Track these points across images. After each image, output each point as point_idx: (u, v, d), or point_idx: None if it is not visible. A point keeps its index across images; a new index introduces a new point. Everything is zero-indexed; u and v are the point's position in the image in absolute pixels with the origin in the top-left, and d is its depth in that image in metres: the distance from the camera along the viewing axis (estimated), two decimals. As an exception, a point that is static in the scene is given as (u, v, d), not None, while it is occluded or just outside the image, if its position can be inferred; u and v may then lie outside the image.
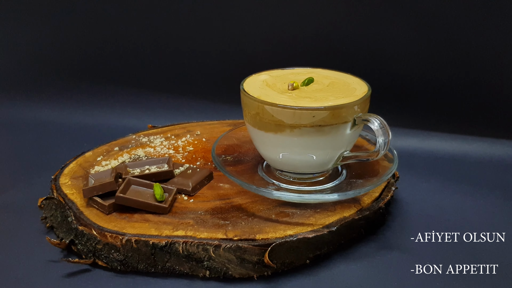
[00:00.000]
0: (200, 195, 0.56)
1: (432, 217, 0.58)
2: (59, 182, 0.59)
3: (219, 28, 0.84)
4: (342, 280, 0.48)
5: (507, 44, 0.72)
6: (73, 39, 0.88)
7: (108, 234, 0.49)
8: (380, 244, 0.53)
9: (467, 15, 0.72)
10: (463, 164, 0.71)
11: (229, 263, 0.48)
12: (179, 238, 0.48)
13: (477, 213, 0.59)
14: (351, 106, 0.50)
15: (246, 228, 0.49)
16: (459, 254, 0.51)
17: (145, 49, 0.88)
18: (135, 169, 0.58)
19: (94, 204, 0.53)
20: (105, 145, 0.69)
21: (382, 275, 0.49)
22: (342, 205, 0.54)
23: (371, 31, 0.78)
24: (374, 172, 0.58)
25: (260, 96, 0.52)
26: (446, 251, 0.52)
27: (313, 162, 0.54)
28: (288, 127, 0.50)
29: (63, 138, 0.82)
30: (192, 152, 0.66)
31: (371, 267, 0.50)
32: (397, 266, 0.50)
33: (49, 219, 0.57)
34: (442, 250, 0.52)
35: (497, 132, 0.75)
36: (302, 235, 0.48)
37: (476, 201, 0.61)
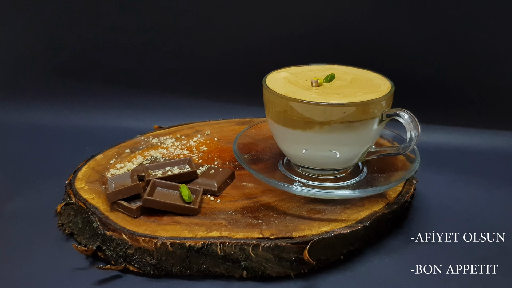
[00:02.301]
0: (226, 195, 0.55)
1: (452, 208, 0.59)
2: (76, 187, 0.57)
3: (219, 28, 0.83)
4: (378, 275, 0.49)
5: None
6: (71, 39, 0.85)
7: (141, 238, 0.48)
8: (408, 237, 0.54)
9: (473, 12, 0.74)
10: (469, 156, 0.73)
11: (267, 262, 0.47)
12: (215, 239, 0.47)
13: (494, 203, 0.60)
14: (379, 101, 0.51)
15: (281, 226, 0.49)
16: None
17: (143, 49, 0.86)
18: (156, 171, 0.56)
19: (120, 208, 0.52)
20: (115, 148, 0.67)
21: (415, 268, 0.49)
22: (370, 200, 0.54)
23: (374, 26, 0.79)
24: (393, 167, 0.59)
25: (288, 94, 0.52)
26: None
27: (339, 158, 0.54)
28: (317, 124, 0.50)
29: (62, 142, 0.79)
30: (207, 152, 0.65)
31: (404, 260, 0.50)
32: (427, 258, 0.50)
33: (67, 226, 0.55)
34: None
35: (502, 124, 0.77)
36: (337, 231, 0.49)
37: (491, 192, 0.63)
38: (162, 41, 0.85)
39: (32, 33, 0.86)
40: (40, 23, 0.85)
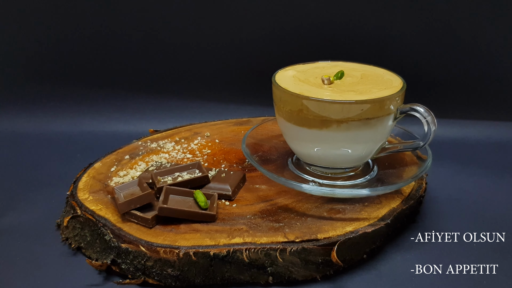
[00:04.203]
0: (241, 199, 0.53)
1: (460, 201, 0.60)
2: (79, 198, 0.54)
3: (211, 28, 0.81)
4: (402, 272, 0.48)
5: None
6: (51, 40, 0.81)
7: (161, 250, 0.45)
8: (425, 232, 0.54)
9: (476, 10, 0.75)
10: (466, 148, 0.74)
11: (293, 266, 0.46)
12: (240, 245, 0.45)
13: (502, 193, 0.61)
14: (394, 97, 0.50)
15: (304, 228, 0.48)
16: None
17: (129, 50, 0.82)
18: (166, 177, 0.54)
19: (133, 218, 0.49)
20: (113, 154, 0.64)
21: (438, 263, 0.49)
22: (386, 196, 0.54)
23: (369, 21, 0.79)
24: (403, 162, 0.59)
25: (303, 92, 0.50)
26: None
27: (353, 156, 0.54)
28: (334, 122, 0.49)
29: (48, 151, 0.75)
30: (211, 154, 0.63)
31: (425, 255, 0.50)
32: (450, 253, 0.51)
33: (73, 240, 0.52)
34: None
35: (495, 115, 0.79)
36: (362, 230, 0.48)
37: (495, 182, 0.64)
38: (149, 41, 0.82)
39: (8, 35, 0.81)
40: (17, 24, 0.80)
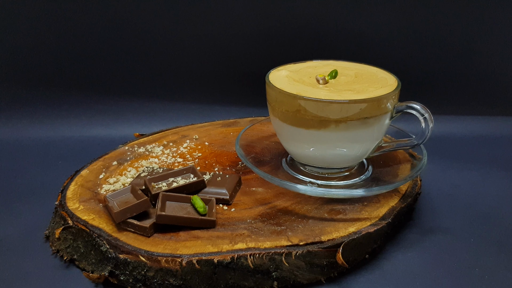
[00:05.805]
0: (238, 203, 0.52)
1: (453, 196, 0.61)
2: (69, 208, 0.51)
3: (193, 29, 0.79)
4: (405, 270, 0.48)
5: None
6: (31, 44, 0.77)
7: (162, 259, 0.44)
8: (423, 229, 0.54)
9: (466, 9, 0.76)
10: (454, 143, 0.75)
11: (298, 270, 0.45)
12: (243, 251, 0.44)
13: (492, 186, 0.63)
14: (391, 96, 0.50)
15: (306, 231, 0.47)
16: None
17: (110, 52, 0.79)
18: (160, 183, 0.52)
19: (129, 227, 0.47)
20: (99, 160, 0.61)
21: (439, 259, 0.49)
22: (384, 195, 0.54)
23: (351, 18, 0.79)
24: (396, 160, 0.59)
25: (300, 93, 0.50)
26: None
27: (350, 156, 0.53)
28: (333, 122, 0.49)
29: (27, 158, 0.72)
30: (203, 158, 0.62)
31: (426, 252, 0.50)
32: (449, 250, 0.51)
33: (65, 252, 0.49)
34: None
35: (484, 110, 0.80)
36: (364, 230, 0.48)
37: (484, 176, 0.65)
38: (130, 41, 0.79)
39: None
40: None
